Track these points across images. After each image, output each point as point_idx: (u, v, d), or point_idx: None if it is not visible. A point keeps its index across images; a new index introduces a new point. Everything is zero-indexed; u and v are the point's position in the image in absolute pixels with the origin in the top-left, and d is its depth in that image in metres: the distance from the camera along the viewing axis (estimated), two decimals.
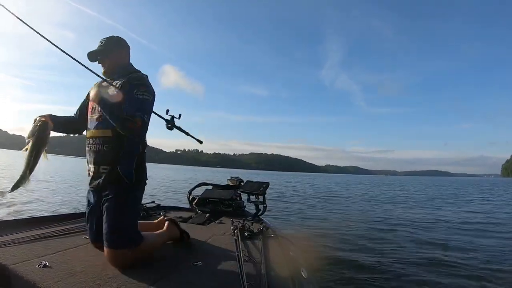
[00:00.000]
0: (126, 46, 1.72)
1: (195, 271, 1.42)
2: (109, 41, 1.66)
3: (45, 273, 1.23)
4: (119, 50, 1.68)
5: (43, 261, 1.33)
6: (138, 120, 1.42)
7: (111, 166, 1.50)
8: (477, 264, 3.87)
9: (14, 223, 2.01)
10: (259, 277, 1.38)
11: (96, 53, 1.62)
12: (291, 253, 1.87)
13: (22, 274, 1.19)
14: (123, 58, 1.69)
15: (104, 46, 1.63)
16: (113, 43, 1.66)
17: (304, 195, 15.04)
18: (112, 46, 1.65)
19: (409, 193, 19.44)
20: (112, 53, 1.64)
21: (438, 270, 3.61)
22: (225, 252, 1.76)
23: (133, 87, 1.51)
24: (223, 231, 2.29)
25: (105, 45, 1.64)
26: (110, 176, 1.50)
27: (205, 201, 3.23)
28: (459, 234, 6.04)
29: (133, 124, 1.41)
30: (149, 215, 2.78)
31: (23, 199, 7.46)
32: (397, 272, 3.50)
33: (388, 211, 9.65)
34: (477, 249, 4.73)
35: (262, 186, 2.97)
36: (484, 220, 8.15)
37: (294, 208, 9.56)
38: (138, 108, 1.46)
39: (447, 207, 11.43)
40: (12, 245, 1.54)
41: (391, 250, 4.46)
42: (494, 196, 18.50)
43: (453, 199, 15.25)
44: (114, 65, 1.64)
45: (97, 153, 1.53)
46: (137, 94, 1.49)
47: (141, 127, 1.45)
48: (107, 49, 1.63)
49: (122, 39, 1.71)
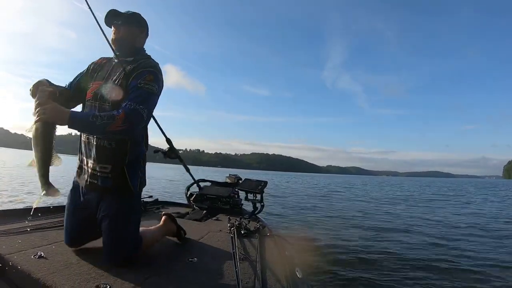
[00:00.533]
0: (147, 29, 1.56)
1: (190, 267, 1.42)
2: (137, 15, 1.51)
3: (41, 264, 1.24)
4: (141, 29, 1.53)
5: (39, 251, 1.33)
6: (120, 116, 1.21)
7: (114, 166, 1.38)
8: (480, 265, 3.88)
9: (11, 212, 2.01)
10: (254, 275, 1.38)
11: (121, 17, 1.45)
12: (287, 252, 1.87)
13: (18, 264, 1.19)
14: (140, 39, 1.54)
15: (132, 16, 1.48)
16: (139, 18, 1.51)
17: (302, 195, 15.07)
18: (139, 20, 1.51)
19: (408, 194, 19.44)
20: (134, 26, 1.48)
21: (437, 270, 3.62)
22: (221, 249, 1.76)
23: (139, 75, 1.35)
24: (219, 228, 2.29)
25: (133, 15, 1.48)
26: (116, 179, 1.38)
27: (202, 198, 3.22)
28: (462, 235, 6.04)
29: (115, 124, 1.21)
30: (146, 210, 2.78)
31: (24, 189, 7.47)
32: (393, 272, 3.52)
33: (387, 211, 9.67)
34: (479, 250, 4.74)
35: (260, 185, 2.96)
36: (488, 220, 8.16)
37: (292, 207, 9.58)
38: (135, 99, 1.28)
39: (448, 208, 11.48)
40: (8, 234, 1.54)
41: (387, 250, 4.48)
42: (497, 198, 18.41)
43: (456, 199, 15.23)
44: (129, 41, 1.47)
45: (101, 148, 1.37)
46: (140, 84, 1.33)
47: (125, 121, 1.22)
48: (133, 20, 1.48)
49: (144, 19, 1.55)
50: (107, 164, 1.37)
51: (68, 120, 1.16)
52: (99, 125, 1.19)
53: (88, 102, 1.42)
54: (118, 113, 1.23)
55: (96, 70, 1.49)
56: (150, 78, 1.35)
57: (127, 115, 1.24)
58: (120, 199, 1.40)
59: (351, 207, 10.72)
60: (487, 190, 28.75)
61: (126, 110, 1.25)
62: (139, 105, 1.27)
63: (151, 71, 1.38)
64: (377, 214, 8.95)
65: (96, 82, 1.43)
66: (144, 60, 1.45)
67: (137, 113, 1.27)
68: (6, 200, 6.18)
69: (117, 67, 1.44)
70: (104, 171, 1.38)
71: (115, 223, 1.36)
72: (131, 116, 1.25)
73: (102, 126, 1.19)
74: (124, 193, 1.40)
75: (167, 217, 1.86)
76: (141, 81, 1.33)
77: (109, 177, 1.37)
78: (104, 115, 1.22)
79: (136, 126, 1.30)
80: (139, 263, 1.39)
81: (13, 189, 8.29)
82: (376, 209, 10.52)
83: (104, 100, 1.38)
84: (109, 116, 1.21)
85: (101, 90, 1.39)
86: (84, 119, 1.22)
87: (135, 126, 1.29)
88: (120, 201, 1.39)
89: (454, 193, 21.61)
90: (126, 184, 1.39)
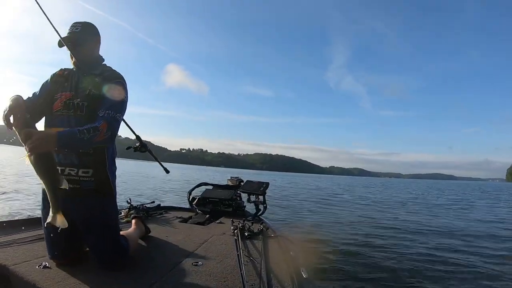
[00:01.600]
0: (99, 35, 1.57)
1: (195, 271, 1.42)
2: (87, 27, 1.49)
3: (45, 274, 1.24)
4: (96, 38, 1.54)
5: (43, 262, 1.34)
6: (102, 125, 1.28)
7: (96, 169, 1.40)
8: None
9: (14, 223, 2.01)
10: (259, 277, 1.38)
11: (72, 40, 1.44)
12: (291, 253, 1.87)
13: (22, 275, 1.19)
14: (97, 48, 1.56)
15: (82, 33, 1.46)
16: (90, 30, 1.51)
17: (306, 196, 15.04)
18: (91, 33, 1.51)
19: (413, 196, 19.07)
20: (90, 42, 1.50)
21: (438, 273, 3.60)
22: (225, 252, 1.76)
23: (110, 86, 1.42)
24: (223, 231, 2.29)
25: (82, 31, 1.46)
26: (98, 182, 1.41)
27: (205, 201, 3.22)
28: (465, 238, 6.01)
29: (100, 135, 1.26)
30: (149, 216, 2.78)
31: (27, 200, 7.47)
32: (397, 272, 3.50)
33: (392, 213, 9.63)
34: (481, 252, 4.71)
35: (262, 186, 2.96)
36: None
37: (295, 208, 9.56)
38: (111, 107, 1.36)
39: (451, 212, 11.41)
40: (13, 245, 1.54)
41: (392, 251, 4.46)
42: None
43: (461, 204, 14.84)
44: (88, 56, 1.50)
45: (82, 154, 1.38)
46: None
47: (108, 130, 1.29)
48: (85, 36, 1.47)
49: (95, 27, 1.55)
50: (89, 168, 1.40)
51: (56, 142, 1.17)
52: (87, 140, 1.23)
53: (57, 112, 1.42)
54: (99, 123, 1.28)
55: (61, 81, 1.48)
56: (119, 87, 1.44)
57: (109, 123, 1.31)
58: (103, 200, 1.43)
59: (354, 209, 10.69)
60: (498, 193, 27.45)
61: (108, 119, 1.32)
62: (113, 112, 1.36)
63: (119, 82, 1.46)
64: (382, 216, 8.92)
65: (64, 93, 1.43)
66: (109, 72, 1.51)
67: (116, 120, 1.37)
68: (8, 210, 6.17)
69: (85, 79, 1.46)
70: (86, 175, 1.39)
71: (106, 232, 1.39)
72: (112, 124, 1.33)
73: (90, 140, 1.24)
74: (106, 195, 1.45)
75: (138, 219, 2.03)
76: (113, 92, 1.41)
77: (92, 180, 1.40)
78: (89, 128, 1.24)
79: (116, 132, 1.39)
80: (145, 268, 1.40)
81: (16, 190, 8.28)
82: (381, 210, 10.49)
83: (78, 110, 1.40)
84: (94, 128, 1.25)
85: (73, 100, 1.41)
86: (73, 137, 1.22)
87: (116, 132, 1.38)
88: (104, 203, 1.43)
89: (461, 197, 20.18)
90: (108, 185, 1.45)
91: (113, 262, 1.37)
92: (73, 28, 1.46)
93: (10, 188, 9.02)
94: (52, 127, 1.35)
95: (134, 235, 1.80)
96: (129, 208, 2.75)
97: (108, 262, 1.37)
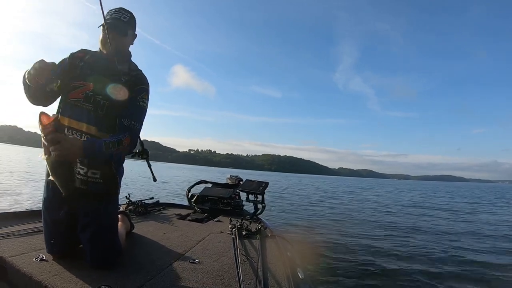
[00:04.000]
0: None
1: (192, 268, 1.42)
2: (133, 19, 1.43)
3: (42, 266, 1.24)
4: (135, 32, 1.48)
5: (40, 254, 1.34)
6: (126, 140, 1.30)
7: (105, 171, 1.38)
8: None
9: (12, 215, 2.01)
10: (256, 276, 1.38)
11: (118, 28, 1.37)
12: (288, 253, 1.87)
13: (19, 267, 1.19)
14: (132, 42, 1.50)
15: (129, 24, 1.41)
16: (135, 23, 1.44)
17: (307, 197, 15.03)
18: (135, 26, 1.45)
19: (416, 199, 18.58)
20: (131, 35, 1.45)
21: (439, 276, 3.60)
22: (222, 250, 1.76)
23: (137, 92, 1.41)
24: (221, 229, 2.29)
25: (129, 22, 1.41)
26: (106, 183, 1.38)
27: (203, 199, 3.22)
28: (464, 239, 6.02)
29: (122, 148, 1.29)
30: (148, 212, 2.78)
31: (25, 191, 7.48)
32: (394, 273, 3.50)
33: (393, 215, 9.63)
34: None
35: (261, 186, 2.96)
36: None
37: (294, 208, 9.56)
38: (136, 117, 1.37)
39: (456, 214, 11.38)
40: (10, 237, 1.54)
41: (389, 253, 4.46)
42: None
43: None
44: (125, 47, 1.45)
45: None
46: (140, 102, 1.41)
47: (130, 144, 1.33)
48: (130, 28, 1.42)
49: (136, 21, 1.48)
50: (98, 170, 1.36)
51: (81, 155, 1.19)
52: (109, 153, 1.26)
53: (76, 102, 1.33)
54: (124, 136, 1.31)
55: (83, 67, 1.38)
56: (145, 96, 1.45)
57: (132, 138, 1.35)
58: (107, 199, 1.42)
59: (354, 211, 10.69)
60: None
61: (131, 132, 1.35)
62: (138, 123, 1.40)
63: (146, 89, 1.45)
64: (382, 219, 8.91)
65: (85, 82, 1.34)
66: (137, 72, 1.47)
67: (138, 132, 1.42)
68: (6, 203, 6.19)
69: (111, 73, 1.39)
70: (94, 176, 1.36)
71: (105, 232, 1.37)
72: (134, 138, 1.37)
73: (111, 153, 1.27)
74: (111, 195, 1.44)
75: (123, 215, 1.99)
76: (139, 98, 1.42)
77: (100, 182, 1.37)
78: (114, 142, 1.27)
79: (137, 142, 1.43)
80: (142, 264, 1.40)
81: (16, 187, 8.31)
82: (381, 213, 10.48)
83: (99, 108, 1.33)
84: (118, 142, 1.28)
85: (95, 95, 1.33)
86: (98, 151, 1.21)
87: (135, 145, 1.41)
88: (107, 202, 1.42)
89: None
90: (115, 186, 1.44)
91: (106, 260, 1.34)
92: (121, 15, 1.40)
93: (10, 184, 9.03)
94: (69, 118, 1.31)
95: (122, 231, 1.75)
96: (128, 204, 2.76)
97: (102, 260, 1.32)
